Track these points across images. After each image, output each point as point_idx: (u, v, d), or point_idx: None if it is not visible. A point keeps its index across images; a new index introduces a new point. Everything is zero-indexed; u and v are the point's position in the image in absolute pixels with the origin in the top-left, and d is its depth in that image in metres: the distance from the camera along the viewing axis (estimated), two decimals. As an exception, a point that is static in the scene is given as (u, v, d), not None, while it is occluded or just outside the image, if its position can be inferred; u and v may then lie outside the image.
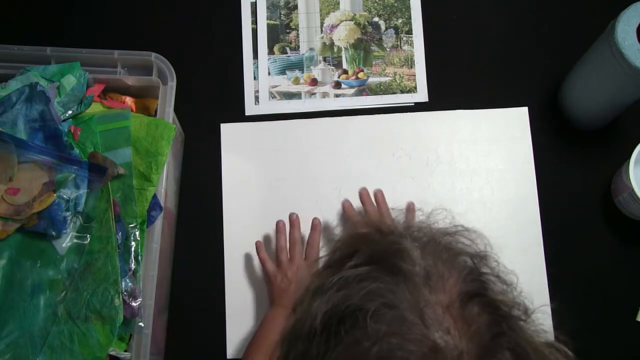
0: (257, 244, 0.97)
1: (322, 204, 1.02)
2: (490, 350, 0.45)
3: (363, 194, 0.99)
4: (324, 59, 1.10)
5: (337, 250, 0.54)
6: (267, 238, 1.01)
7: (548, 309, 0.79)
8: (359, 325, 0.46)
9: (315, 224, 0.96)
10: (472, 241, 0.53)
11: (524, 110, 1.07)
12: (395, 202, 0.97)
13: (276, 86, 1.09)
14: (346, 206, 0.99)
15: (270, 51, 1.10)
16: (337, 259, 0.53)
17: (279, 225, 0.97)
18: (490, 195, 1.03)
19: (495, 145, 1.06)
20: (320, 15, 1.12)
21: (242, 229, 1.01)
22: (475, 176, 1.04)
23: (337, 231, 0.99)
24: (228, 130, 1.05)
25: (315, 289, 0.51)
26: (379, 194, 0.99)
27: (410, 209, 0.96)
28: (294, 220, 0.97)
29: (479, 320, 0.46)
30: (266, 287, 0.98)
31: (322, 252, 0.55)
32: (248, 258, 1.00)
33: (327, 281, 0.50)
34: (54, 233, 0.80)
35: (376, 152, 1.05)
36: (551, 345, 0.49)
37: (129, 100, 0.93)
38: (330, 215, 1.01)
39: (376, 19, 1.12)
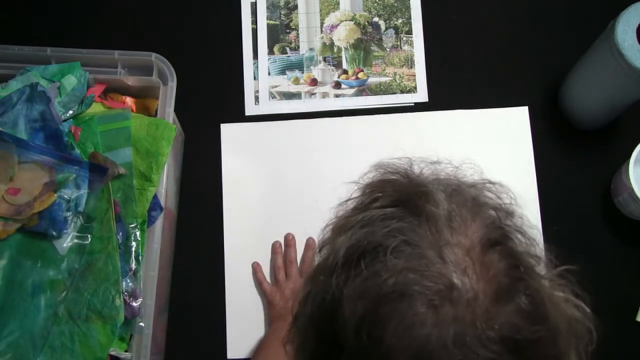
0: (254, 265, 0.99)
1: (321, 205, 1.01)
2: (507, 293, 0.46)
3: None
4: (324, 59, 1.10)
5: (364, 194, 0.55)
6: (266, 239, 1.01)
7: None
8: (379, 259, 0.47)
9: (309, 243, 0.99)
10: (497, 195, 0.54)
11: (524, 109, 1.07)
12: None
13: (276, 86, 1.09)
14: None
15: (270, 51, 1.10)
16: (364, 201, 0.54)
17: (274, 246, 1.00)
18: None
19: (495, 145, 1.05)
20: (320, 15, 1.12)
21: (242, 230, 1.01)
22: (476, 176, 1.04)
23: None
24: (228, 131, 1.05)
25: (340, 226, 0.53)
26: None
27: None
28: (289, 240, 1.00)
29: (498, 265, 0.47)
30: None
31: (353, 195, 0.57)
32: (248, 258, 1.00)
33: (353, 219, 0.51)
34: (54, 233, 0.80)
35: (376, 153, 1.04)
36: (568, 299, 0.50)
37: (129, 100, 0.93)
38: (330, 216, 1.01)
39: (376, 19, 1.12)
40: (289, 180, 1.03)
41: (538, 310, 0.47)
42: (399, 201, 0.51)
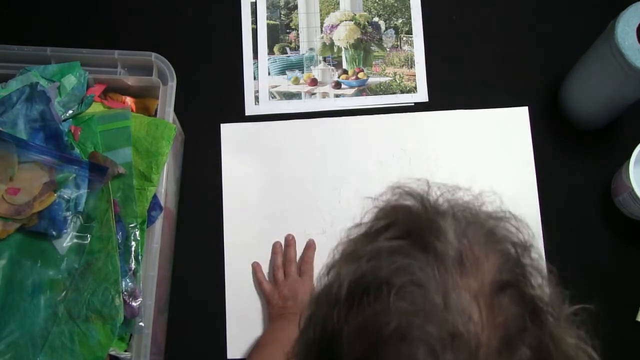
0: (254, 265, 0.99)
1: (321, 205, 1.02)
2: (512, 344, 0.44)
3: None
4: (324, 59, 1.10)
5: (377, 219, 0.54)
6: (267, 239, 1.01)
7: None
8: (382, 299, 0.45)
9: (309, 243, 1.00)
10: (518, 229, 0.52)
11: (524, 110, 1.07)
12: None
13: (276, 86, 1.09)
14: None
15: (270, 51, 1.10)
16: (375, 228, 0.52)
17: (275, 246, 1.00)
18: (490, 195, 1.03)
19: (495, 145, 1.05)
20: (320, 15, 1.12)
21: (243, 229, 1.01)
22: (476, 176, 1.03)
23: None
24: (228, 130, 1.05)
25: (348, 254, 0.51)
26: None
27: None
28: (289, 240, 1.00)
29: (507, 312, 0.45)
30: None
31: (365, 217, 0.55)
32: (248, 258, 1.00)
33: (361, 249, 0.50)
34: (54, 233, 0.80)
35: (376, 153, 1.05)
36: (579, 346, 0.48)
37: (129, 100, 0.93)
38: (330, 216, 1.01)
39: (376, 19, 1.12)
40: (289, 180, 1.03)
41: None
42: (409, 233, 0.49)
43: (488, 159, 1.05)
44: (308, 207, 1.01)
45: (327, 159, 1.04)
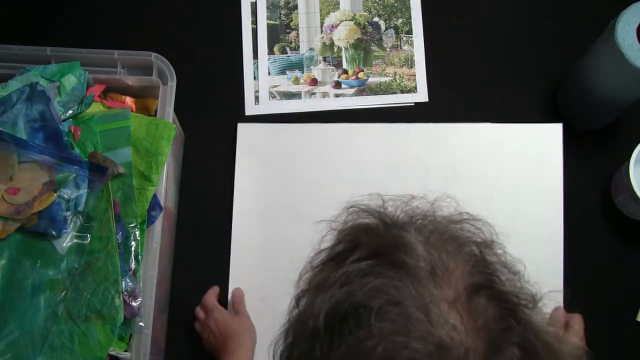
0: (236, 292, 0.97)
1: (331, 210, 0.99)
2: (498, 346, 0.45)
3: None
4: (324, 59, 1.10)
5: (339, 242, 0.53)
6: (273, 242, 1.00)
7: (559, 296, 0.76)
8: (363, 324, 0.45)
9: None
10: (479, 229, 0.52)
11: (558, 127, 1.02)
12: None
13: (276, 86, 1.09)
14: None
15: (270, 51, 1.10)
16: (339, 252, 0.52)
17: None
18: (512, 216, 0.97)
19: (520, 162, 1.02)
20: (320, 15, 1.12)
21: (250, 231, 1.00)
22: (496, 193, 0.99)
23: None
24: (244, 131, 1.03)
25: (318, 284, 0.50)
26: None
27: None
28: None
29: (486, 313, 0.45)
30: (270, 288, 0.97)
31: (324, 243, 0.54)
32: (252, 259, 0.99)
33: (330, 276, 0.49)
34: (54, 233, 0.80)
35: (392, 164, 1.02)
36: (558, 337, 0.48)
37: (129, 100, 0.93)
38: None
39: (376, 19, 1.12)
40: (301, 183, 1.01)
41: (531, 359, 0.45)
42: (376, 253, 0.48)
43: (511, 177, 1.01)
44: (319, 214, 0.99)
45: (341, 167, 1.02)
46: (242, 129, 1.04)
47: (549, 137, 1.03)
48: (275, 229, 1.00)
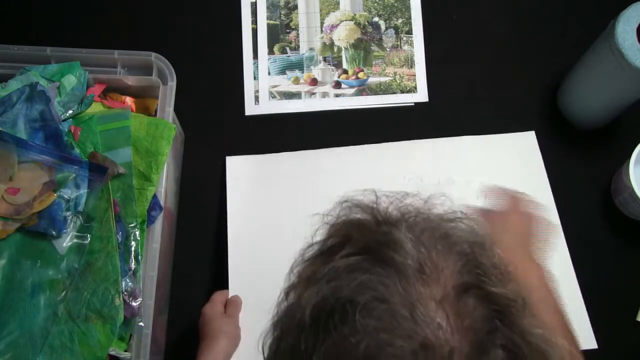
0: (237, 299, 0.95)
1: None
2: (483, 347, 0.44)
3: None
4: (324, 59, 1.10)
5: (330, 236, 0.53)
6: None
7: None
8: (348, 320, 0.45)
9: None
10: (471, 228, 0.52)
11: (531, 134, 1.05)
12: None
13: (276, 86, 1.09)
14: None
15: (270, 51, 1.10)
16: (330, 246, 0.52)
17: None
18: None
19: (504, 173, 1.02)
20: (320, 15, 1.12)
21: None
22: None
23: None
24: (234, 164, 1.02)
25: (307, 277, 0.50)
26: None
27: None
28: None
29: (473, 314, 0.45)
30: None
31: (317, 236, 0.54)
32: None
33: (319, 270, 0.49)
34: (54, 233, 0.80)
35: (387, 178, 1.02)
36: (547, 337, 0.48)
37: (129, 100, 0.93)
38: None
39: (376, 19, 1.12)
40: (294, 212, 0.98)
41: None
42: (366, 249, 0.48)
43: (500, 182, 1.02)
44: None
45: (336, 186, 1.00)
46: (231, 162, 1.02)
47: (525, 144, 1.05)
48: (272, 254, 0.96)
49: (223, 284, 0.99)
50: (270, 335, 0.53)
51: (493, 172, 1.02)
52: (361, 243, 0.49)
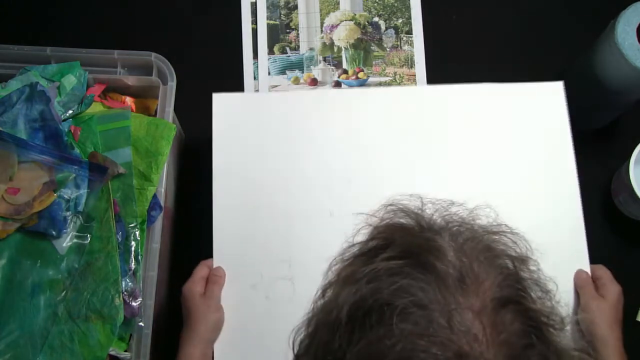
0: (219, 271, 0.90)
1: (326, 186, 0.90)
2: None
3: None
4: (324, 59, 1.10)
5: (372, 238, 0.53)
6: (259, 225, 0.91)
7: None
8: (385, 322, 0.45)
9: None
10: (515, 242, 0.51)
11: (559, 85, 0.93)
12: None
13: (276, 86, 1.09)
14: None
15: (270, 51, 1.10)
16: (372, 247, 0.52)
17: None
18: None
19: (525, 129, 0.93)
20: (320, 15, 1.12)
21: (233, 214, 0.91)
22: (500, 163, 0.91)
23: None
24: (220, 101, 0.93)
25: (346, 276, 0.51)
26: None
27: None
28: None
29: (510, 328, 0.45)
30: (260, 275, 0.90)
31: (358, 236, 0.54)
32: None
33: (359, 271, 0.49)
34: (54, 233, 0.80)
35: (384, 128, 0.93)
36: (581, 358, 0.48)
37: (129, 100, 0.93)
38: (337, 199, 0.89)
39: (376, 19, 1.12)
40: (285, 157, 0.91)
41: None
42: (408, 253, 0.48)
43: (515, 145, 0.93)
44: (310, 191, 0.90)
45: (331, 136, 0.92)
46: (218, 99, 0.93)
47: (551, 96, 0.93)
48: (260, 210, 0.90)
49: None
50: (303, 331, 0.53)
51: (511, 125, 0.93)
52: (403, 247, 0.49)
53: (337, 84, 1.09)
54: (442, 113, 0.94)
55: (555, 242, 0.77)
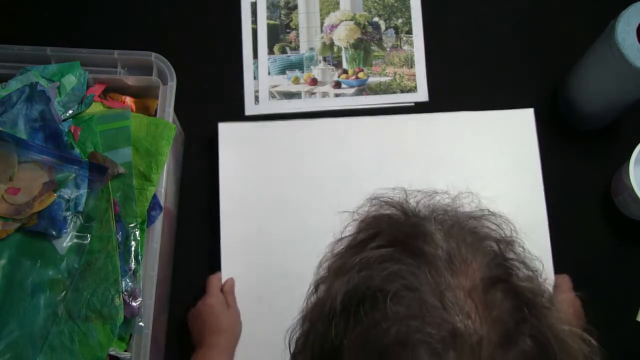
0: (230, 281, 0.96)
1: (322, 207, 0.97)
2: (511, 336, 0.45)
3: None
4: (324, 59, 1.10)
5: (360, 231, 0.54)
6: (265, 239, 0.99)
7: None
8: (379, 307, 0.46)
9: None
10: (498, 226, 0.53)
11: (530, 112, 1.03)
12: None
13: (276, 86, 1.09)
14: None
15: (270, 51, 1.10)
16: (360, 240, 0.53)
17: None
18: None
19: (499, 148, 1.02)
20: (320, 15, 1.12)
21: (240, 229, 0.98)
22: (479, 180, 0.99)
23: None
24: (226, 130, 1.02)
25: (337, 268, 0.52)
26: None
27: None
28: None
29: (501, 306, 0.46)
30: (266, 286, 0.97)
31: (346, 231, 0.56)
32: (245, 257, 0.98)
33: (349, 261, 0.50)
34: (54, 233, 0.80)
35: (378, 155, 1.02)
36: (574, 333, 0.49)
37: (129, 100, 0.93)
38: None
39: (376, 19, 1.12)
40: (288, 181, 1.00)
41: (544, 352, 0.46)
42: (396, 241, 0.50)
43: (492, 163, 1.01)
44: (307, 209, 0.98)
45: (327, 161, 1.01)
46: (224, 128, 1.02)
47: (523, 121, 1.03)
48: (265, 226, 0.98)
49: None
50: (298, 330, 0.54)
51: (486, 149, 1.02)
52: (392, 235, 0.50)
53: (337, 84, 1.09)
54: (427, 138, 1.03)
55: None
